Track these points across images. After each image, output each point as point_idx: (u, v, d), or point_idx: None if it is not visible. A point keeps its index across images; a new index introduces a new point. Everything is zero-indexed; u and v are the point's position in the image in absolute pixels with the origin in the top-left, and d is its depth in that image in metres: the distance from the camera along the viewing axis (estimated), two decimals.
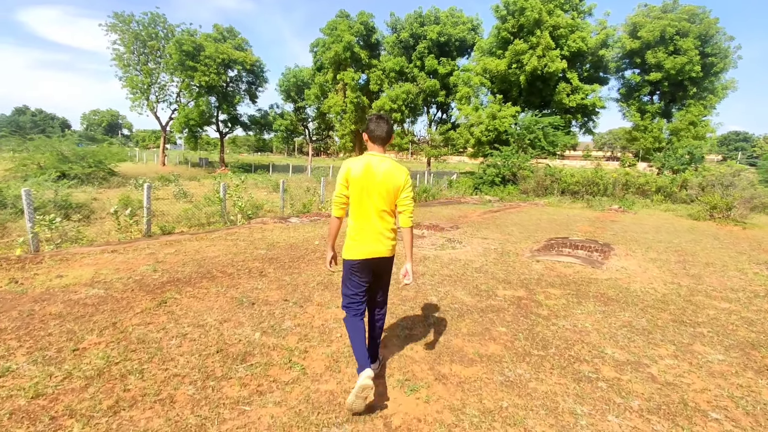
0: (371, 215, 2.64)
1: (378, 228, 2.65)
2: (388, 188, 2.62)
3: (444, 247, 7.20)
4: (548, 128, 24.89)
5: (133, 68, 36.30)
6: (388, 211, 2.68)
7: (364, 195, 2.62)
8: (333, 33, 32.25)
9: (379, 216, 2.65)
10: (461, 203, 16.78)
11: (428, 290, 4.82)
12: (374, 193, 2.61)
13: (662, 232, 10.24)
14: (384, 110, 31.56)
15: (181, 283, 4.68)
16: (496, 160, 24.51)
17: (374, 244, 2.66)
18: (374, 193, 2.61)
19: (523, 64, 26.13)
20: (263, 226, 8.73)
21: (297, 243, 7.13)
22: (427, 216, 11.66)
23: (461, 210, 13.75)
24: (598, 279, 5.59)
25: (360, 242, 2.66)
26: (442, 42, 31.37)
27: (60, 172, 20.28)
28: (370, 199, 2.62)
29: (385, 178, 2.61)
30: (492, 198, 20.14)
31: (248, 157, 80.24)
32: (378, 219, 2.65)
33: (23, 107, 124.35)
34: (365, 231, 2.66)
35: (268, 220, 9.51)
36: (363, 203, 2.63)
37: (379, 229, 2.65)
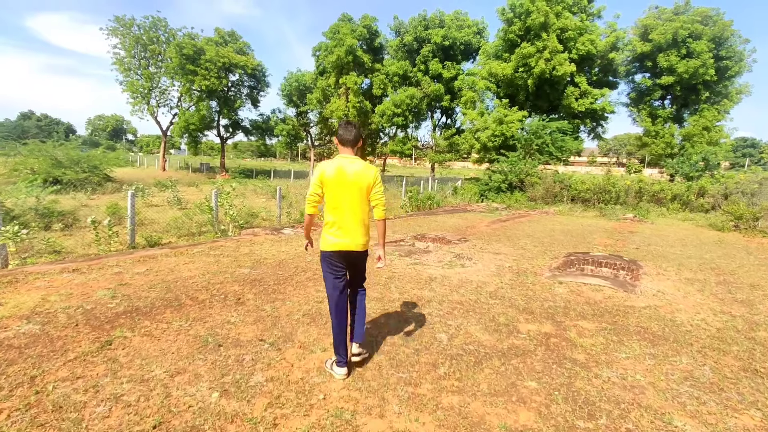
0: (345, 212, 2.90)
1: (351, 223, 2.93)
2: (360, 186, 2.90)
3: (452, 265, 6.39)
4: (556, 133, 24.09)
5: (133, 72, 35.89)
6: (359, 208, 2.94)
7: (337, 194, 2.88)
8: (335, 36, 31.71)
9: (352, 212, 2.92)
10: (467, 211, 15.96)
11: (436, 323, 4.01)
12: (347, 191, 2.88)
13: (689, 246, 9.38)
14: (386, 115, 30.91)
15: (139, 314, 3.89)
16: (503, 166, 23.70)
17: (348, 238, 2.94)
18: (347, 192, 2.88)
19: (530, 68, 25.39)
20: (253, 239, 7.96)
21: (287, 259, 6.34)
22: (432, 226, 10.85)
23: (468, 219, 12.94)
24: (635, 307, 4.76)
25: (335, 236, 2.94)
26: (447, 46, 30.74)
27: (53, 178, 19.68)
28: (343, 197, 2.88)
29: (356, 177, 2.88)
30: (499, 206, 19.32)
31: (250, 162, 79.87)
32: (351, 215, 2.92)
33: (28, 112, 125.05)
34: (340, 226, 2.92)
35: (260, 231, 8.74)
36: (337, 201, 2.89)
37: (352, 224, 2.94)
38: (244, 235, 8.50)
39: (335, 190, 2.88)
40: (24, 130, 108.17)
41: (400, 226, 10.56)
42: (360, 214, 2.97)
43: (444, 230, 10.11)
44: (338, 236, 2.94)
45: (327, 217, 2.97)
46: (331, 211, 2.94)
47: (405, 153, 32.82)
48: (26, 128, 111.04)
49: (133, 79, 35.75)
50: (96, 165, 21.13)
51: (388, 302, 4.59)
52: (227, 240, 7.92)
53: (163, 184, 23.57)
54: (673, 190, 18.54)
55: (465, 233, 9.81)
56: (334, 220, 2.93)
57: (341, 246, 2.95)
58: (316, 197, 2.92)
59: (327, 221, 2.98)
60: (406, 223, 11.34)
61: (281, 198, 13.03)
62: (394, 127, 33.22)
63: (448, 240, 8.48)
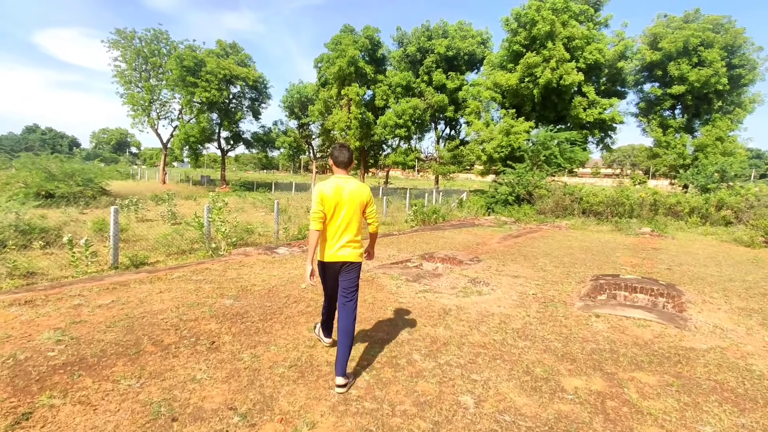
0: (341, 227, 3.16)
1: (346, 237, 3.18)
2: (355, 204, 3.17)
3: (468, 293, 5.56)
4: (565, 144, 23.38)
5: (134, 85, 35.57)
6: (354, 223, 3.19)
7: (335, 211, 3.14)
8: (337, 48, 31.30)
9: (347, 227, 3.17)
10: (475, 225, 15.15)
11: (457, 378, 3.18)
12: (343, 208, 3.14)
13: (724, 265, 8.52)
14: (389, 126, 30.31)
15: (83, 367, 3.09)
16: (510, 177, 22.94)
17: (343, 250, 3.17)
18: (343, 209, 3.14)
19: (536, 78, 24.78)
20: (243, 260, 7.17)
21: (278, 286, 5.54)
22: (440, 243, 10.03)
23: (477, 235, 12.11)
24: (696, 350, 3.91)
25: (331, 247, 3.17)
26: (451, 56, 30.25)
27: (45, 191, 19.04)
28: (339, 213, 3.15)
29: (351, 196, 3.16)
30: (507, 219, 18.52)
31: (252, 174, 79.55)
32: (346, 230, 3.17)
33: (33, 126, 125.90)
34: (336, 239, 3.17)
35: (252, 250, 7.94)
36: (334, 217, 3.15)
37: (347, 238, 3.18)
38: (234, 255, 7.71)
39: (333, 208, 3.13)
40: (28, 143, 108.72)
41: (405, 243, 9.74)
42: (355, 229, 3.22)
43: (453, 248, 9.29)
44: (336, 248, 3.17)
45: (325, 231, 3.19)
46: (330, 226, 3.17)
47: (408, 165, 32.12)
48: (30, 141, 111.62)
49: (133, 92, 35.41)
50: (91, 178, 20.47)
51: (396, 346, 3.76)
52: (214, 261, 7.12)
53: (159, 197, 22.92)
54: (691, 203, 17.68)
55: (476, 251, 8.99)
56: (333, 234, 3.17)
57: (339, 257, 3.17)
58: (321, 214, 3.11)
59: (326, 236, 3.20)
60: (411, 239, 10.53)
61: (279, 212, 12.27)
62: (397, 138, 32.59)
63: (459, 260, 7.65)
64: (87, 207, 18.48)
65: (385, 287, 5.65)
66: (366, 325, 4.28)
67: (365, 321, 4.39)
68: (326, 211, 3.10)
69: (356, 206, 3.15)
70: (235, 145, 38.64)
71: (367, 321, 4.40)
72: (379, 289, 5.54)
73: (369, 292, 5.40)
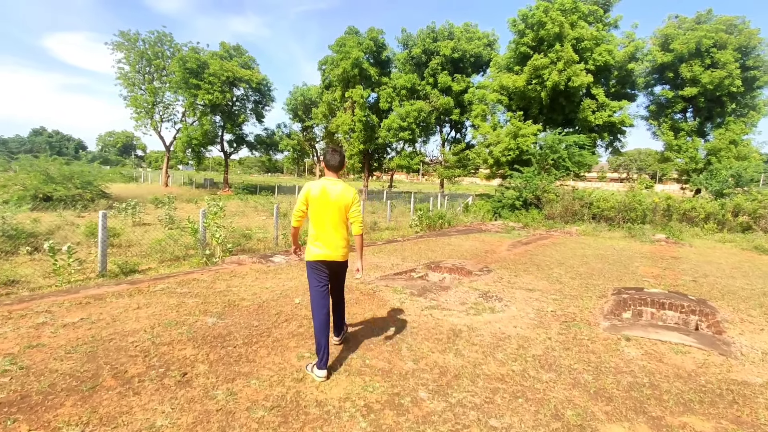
0: (327, 227, 3.31)
1: (332, 237, 3.32)
2: (340, 206, 3.31)
3: (479, 309, 5.02)
4: (573, 147, 22.77)
5: (137, 87, 35.39)
6: (340, 224, 3.35)
7: (321, 211, 3.28)
8: (342, 50, 30.92)
9: (334, 228, 3.32)
10: (482, 231, 14.59)
11: (473, 426, 2.63)
12: (329, 209, 3.28)
13: (752, 277, 7.91)
14: (392, 128, 29.84)
15: (22, 408, 2.57)
16: (517, 181, 22.37)
17: (329, 249, 3.31)
18: (329, 210, 3.28)
19: (544, 80, 24.24)
20: (235, 269, 6.66)
21: (269, 300, 5.02)
22: (447, 250, 9.48)
23: (485, 241, 11.55)
24: (751, 385, 3.34)
25: (318, 247, 3.32)
26: (456, 58, 29.79)
27: (43, 194, 18.69)
28: (325, 214, 3.28)
29: (338, 198, 3.30)
30: (515, 224, 17.94)
31: (257, 178, 79.35)
32: (332, 230, 3.32)
33: (40, 128, 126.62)
34: (322, 239, 3.31)
35: (246, 259, 7.43)
36: (320, 218, 3.29)
37: (333, 238, 3.32)
38: (227, 264, 7.20)
39: (319, 208, 3.26)
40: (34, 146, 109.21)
41: (410, 251, 9.20)
42: (340, 230, 3.34)
43: (461, 256, 8.75)
44: (321, 248, 3.30)
45: (311, 230, 3.33)
46: (315, 226, 3.30)
47: (413, 168, 31.64)
48: (37, 144, 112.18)
49: (137, 94, 35.22)
50: (90, 181, 20.10)
51: (399, 379, 3.22)
52: (204, 271, 6.61)
53: (160, 200, 22.54)
54: (707, 208, 17.01)
55: (486, 260, 8.44)
56: (318, 233, 3.30)
57: (324, 256, 3.30)
58: (301, 213, 3.32)
59: (311, 234, 3.34)
60: (416, 246, 9.99)
61: (278, 217, 11.78)
62: (402, 141, 32.13)
63: (467, 270, 7.10)
64: (85, 210, 18.11)
65: (388, 302, 5.12)
66: (364, 350, 3.74)
67: (363, 345, 3.86)
68: (310, 211, 3.29)
69: (341, 208, 3.30)
70: (238, 148, 38.32)
71: (365, 345, 3.86)
72: (381, 305, 5.01)
73: (369, 308, 4.87)
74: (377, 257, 8.23)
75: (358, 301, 5.12)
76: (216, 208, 8.98)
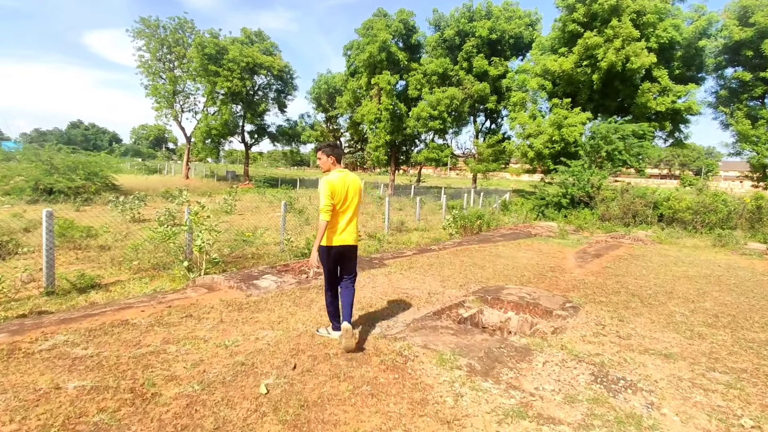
0: (350, 215, 3.63)
1: (353, 224, 3.66)
2: (356, 193, 3.69)
3: (612, 421, 2.68)
4: (631, 138, 19.80)
5: (158, 76, 34.20)
6: (357, 210, 3.73)
7: (345, 202, 3.59)
8: (368, 33, 28.60)
9: (355, 214, 3.68)
10: (531, 236, 12.11)
11: None
12: (349, 198, 3.62)
13: None
14: (422, 118, 27.35)
15: None
16: (564, 177, 19.61)
17: (347, 235, 3.63)
18: (349, 198, 3.62)
19: (597, 61, 21.23)
20: (200, 299, 4.56)
21: (215, 384, 2.86)
22: (498, 265, 7.13)
23: (542, 251, 9.11)
24: None
25: (337, 234, 3.58)
26: (494, 39, 26.96)
27: (44, 186, 17.33)
28: (350, 203, 3.62)
29: (353, 186, 3.65)
30: (567, 227, 15.32)
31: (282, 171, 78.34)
32: (354, 217, 3.68)
33: (77, 121, 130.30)
34: (342, 226, 3.59)
35: (221, 281, 5.30)
36: (344, 207, 3.59)
37: (353, 224, 3.66)
38: (195, 287, 5.11)
39: (343, 199, 3.57)
40: (71, 138, 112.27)
41: (450, 266, 6.91)
42: (357, 215, 3.75)
43: (520, 276, 6.39)
44: (342, 234, 3.60)
45: (334, 220, 3.57)
46: (341, 217, 3.60)
47: (442, 161, 29.09)
48: (73, 137, 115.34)
49: (157, 83, 34.03)
50: (95, 171, 18.66)
51: None
52: (152, 302, 4.53)
53: (170, 193, 20.96)
54: None
55: (558, 284, 6.05)
56: (340, 221, 3.59)
57: (344, 241, 3.61)
58: (332, 205, 3.50)
59: (334, 226, 3.58)
60: (456, 258, 7.68)
61: (285, 219, 9.64)
62: (431, 132, 29.59)
63: (543, 308, 4.74)
64: (86, 203, 16.62)
65: (429, 392, 2.85)
66: None
67: None
68: (336, 202, 3.50)
69: (358, 195, 3.69)
70: (259, 139, 36.69)
71: None
72: (419, 401, 2.74)
73: (395, 406, 2.62)
74: (407, 277, 5.99)
75: (375, 386, 2.87)
76: (197, 206, 6.90)
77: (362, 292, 5.04)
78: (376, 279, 5.69)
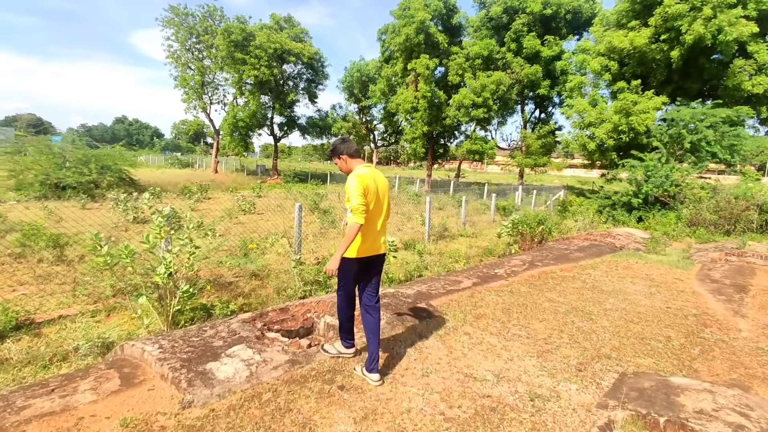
0: (382, 218, 3.00)
1: (383, 228, 3.04)
2: (385, 191, 3.05)
3: None
4: (723, 126, 16.37)
5: (186, 66, 33.04)
6: (387, 211, 3.10)
7: (377, 202, 2.93)
8: (405, 14, 25.97)
9: (386, 217, 3.06)
10: (616, 249, 9.36)
11: None
12: (380, 197, 2.96)
13: None
14: (464, 106, 24.53)
15: None
16: (638, 173, 16.46)
17: (378, 242, 2.99)
18: (380, 198, 2.96)
19: (680, 33, 17.78)
20: (94, 410, 2.32)
21: None
22: (611, 311, 4.58)
23: (648, 275, 6.42)
24: None
25: (367, 242, 2.88)
26: (548, 16, 23.73)
27: (52, 181, 16.00)
28: (381, 204, 2.98)
29: (383, 184, 3.03)
30: (650, 234, 12.41)
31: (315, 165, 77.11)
32: (383, 219, 3.03)
33: (122, 117, 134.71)
34: (373, 232, 2.93)
35: (153, 359, 3.02)
36: (377, 209, 2.94)
37: (383, 228, 3.05)
38: (104, 372, 2.89)
39: (374, 199, 2.90)
40: (114, 133, 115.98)
41: (536, 314, 4.42)
42: (387, 217, 3.10)
43: (664, 340, 3.85)
44: (374, 241, 2.96)
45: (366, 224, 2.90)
46: (371, 218, 2.91)
47: (487, 154, 26.13)
48: (117, 132, 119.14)
49: (185, 74, 32.86)
50: (108, 165, 17.21)
51: None
52: None
53: (189, 189, 19.34)
54: None
55: (733, 365, 3.46)
56: (373, 226, 2.94)
57: (374, 250, 2.97)
58: (365, 206, 2.79)
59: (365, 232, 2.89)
60: (541, 294, 5.17)
61: (302, 228, 7.34)
62: (473, 122, 26.68)
63: None
64: (95, 200, 15.10)
65: None
66: None
67: None
68: (368, 202, 2.83)
69: (386, 193, 3.06)
70: (288, 132, 34.91)
71: None
72: None
73: None
74: (478, 344, 3.57)
75: None
76: (160, 219, 4.69)
77: (407, 398, 2.67)
78: (429, 355, 3.28)
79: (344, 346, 3.18)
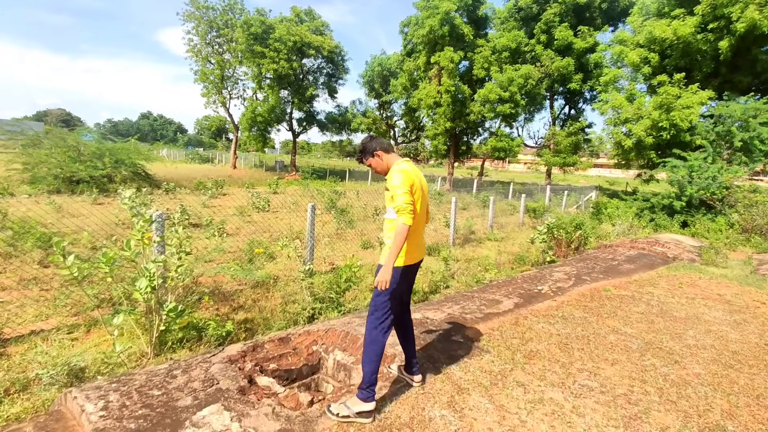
0: (423, 219, 2.69)
1: (423, 230, 2.73)
2: (427, 189, 2.70)
3: None
4: None
5: (206, 60, 32.76)
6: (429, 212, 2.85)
7: (422, 199, 2.63)
8: (428, 5, 24.90)
9: (426, 218, 2.77)
10: (668, 259, 8.24)
11: None
12: (425, 195, 2.67)
13: None
14: (489, 101, 23.37)
15: None
16: (679, 173, 15.09)
17: (422, 246, 2.69)
18: (425, 196, 2.67)
19: (730, 22, 16.27)
20: None
21: None
22: (696, 350, 3.62)
23: (719, 294, 5.38)
24: None
25: (416, 245, 2.61)
26: (582, 5, 22.33)
27: (65, 175, 15.67)
28: (422, 201, 2.63)
29: (424, 180, 2.68)
30: (700, 242, 11.20)
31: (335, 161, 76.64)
32: (424, 221, 2.74)
33: (147, 113, 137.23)
34: (419, 235, 2.64)
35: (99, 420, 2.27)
36: (421, 207, 2.62)
37: (423, 231, 2.73)
38: None
39: (420, 196, 2.58)
40: (139, 128, 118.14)
41: (599, 350, 3.48)
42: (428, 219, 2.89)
43: (751, 377, 2.86)
44: (419, 245, 2.65)
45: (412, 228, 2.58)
46: (419, 219, 2.60)
47: (513, 151, 24.87)
48: (141, 127, 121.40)
49: (205, 68, 32.58)
50: (122, 159, 16.81)
51: None
52: None
53: (204, 185, 18.85)
54: None
55: None
56: (419, 228, 2.63)
57: (420, 255, 2.67)
58: (414, 205, 2.44)
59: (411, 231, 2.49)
60: (599, 321, 4.22)
61: (314, 235, 6.54)
62: (498, 118, 25.44)
63: None
64: (104, 195, 14.68)
65: None
66: None
67: None
68: (416, 200, 2.49)
69: (427, 190, 2.71)
70: (307, 127, 34.30)
71: None
72: None
73: None
74: (534, 403, 2.64)
75: None
76: (142, 224, 3.92)
77: None
78: (473, 423, 2.38)
79: (360, 398, 2.35)
